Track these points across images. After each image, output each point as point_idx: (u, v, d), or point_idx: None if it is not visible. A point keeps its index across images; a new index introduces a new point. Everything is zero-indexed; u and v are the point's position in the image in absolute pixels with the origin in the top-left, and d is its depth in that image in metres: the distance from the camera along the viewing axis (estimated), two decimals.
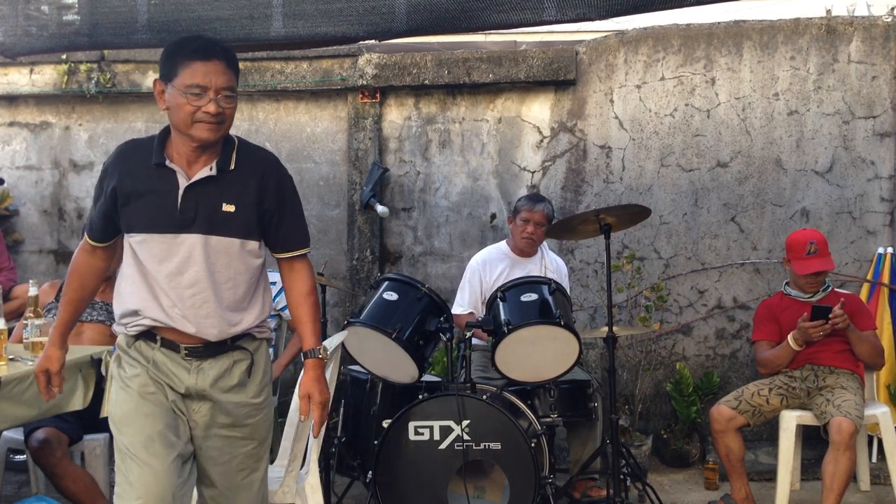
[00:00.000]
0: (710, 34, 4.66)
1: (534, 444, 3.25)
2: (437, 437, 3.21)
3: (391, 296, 3.44)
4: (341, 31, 2.43)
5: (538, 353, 3.37)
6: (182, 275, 2.15)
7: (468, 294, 3.99)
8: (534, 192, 4.55)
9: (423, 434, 3.21)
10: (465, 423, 3.18)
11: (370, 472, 3.27)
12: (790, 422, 3.68)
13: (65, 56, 4.82)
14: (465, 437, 3.18)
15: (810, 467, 4.15)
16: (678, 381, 4.53)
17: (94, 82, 4.90)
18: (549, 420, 3.53)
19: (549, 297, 3.44)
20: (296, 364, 4.23)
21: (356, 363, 3.53)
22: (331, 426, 3.54)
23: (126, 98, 4.98)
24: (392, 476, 3.22)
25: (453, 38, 4.91)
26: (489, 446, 3.19)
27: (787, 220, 4.62)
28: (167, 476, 2.09)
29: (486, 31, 4.14)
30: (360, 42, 3.87)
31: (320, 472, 2.96)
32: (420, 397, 3.29)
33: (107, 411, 2.25)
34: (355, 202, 4.82)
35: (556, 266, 4.09)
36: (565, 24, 2.51)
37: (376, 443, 3.24)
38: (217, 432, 2.25)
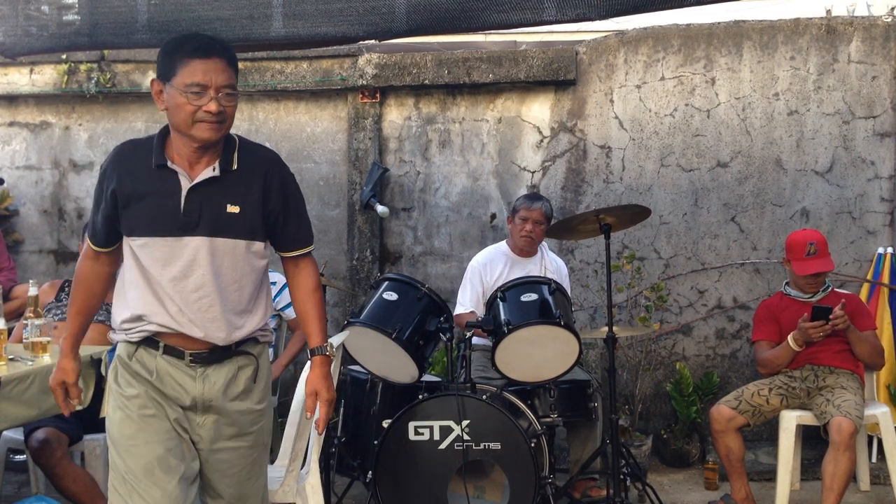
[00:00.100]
0: (710, 34, 4.65)
1: (534, 444, 3.24)
2: (437, 437, 3.21)
3: (391, 296, 3.44)
4: (341, 31, 2.43)
5: (538, 353, 3.37)
6: (187, 278, 2.10)
7: (470, 293, 3.99)
8: (532, 192, 4.56)
9: (423, 434, 3.21)
10: (465, 423, 3.18)
11: (370, 472, 3.26)
12: (790, 422, 3.68)
13: (65, 56, 4.81)
14: (465, 437, 3.18)
15: (810, 467, 4.15)
16: (678, 381, 4.53)
17: (94, 82, 4.90)
18: (549, 420, 3.54)
19: (549, 297, 3.44)
20: (296, 364, 4.24)
21: (356, 363, 3.53)
22: (331, 426, 3.53)
23: (126, 98, 4.98)
24: (392, 476, 3.22)
25: (453, 38, 4.91)
26: (489, 446, 3.19)
27: (787, 220, 4.62)
28: (170, 502, 2.05)
29: (486, 31, 4.13)
30: (360, 42, 3.87)
31: (320, 472, 2.95)
32: (420, 397, 3.29)
33: (106, 412, 2.21)
34: (355, 202, 4.82)
35: (556, 266, 4.09)
36: (565, 24, 2.51)
37: (376, 443, 3.24)
38: (224, 445, 2.21)
